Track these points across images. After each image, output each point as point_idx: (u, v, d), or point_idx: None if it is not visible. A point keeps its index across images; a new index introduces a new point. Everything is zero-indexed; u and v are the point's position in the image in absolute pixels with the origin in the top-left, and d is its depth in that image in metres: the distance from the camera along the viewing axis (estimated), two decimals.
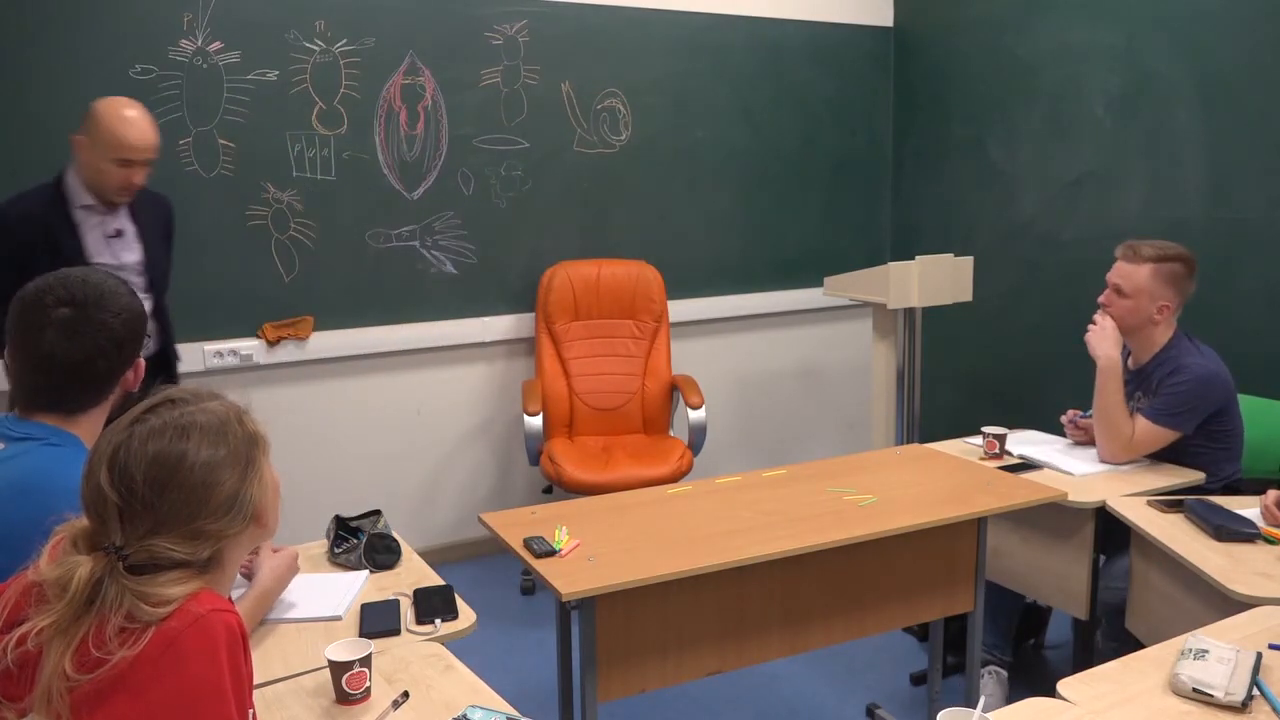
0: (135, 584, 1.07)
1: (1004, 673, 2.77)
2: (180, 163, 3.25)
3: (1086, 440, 2.76)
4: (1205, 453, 2.55)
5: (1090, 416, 2.73)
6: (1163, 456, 2.59)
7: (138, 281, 2.73)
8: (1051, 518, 2.51)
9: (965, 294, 3.56)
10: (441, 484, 3.89)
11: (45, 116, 3.05)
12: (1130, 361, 2.70)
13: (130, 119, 2.58)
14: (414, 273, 3.69)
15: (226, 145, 3.31)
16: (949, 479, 2.42)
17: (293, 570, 1.83)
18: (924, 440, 3.04)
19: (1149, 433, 2.55)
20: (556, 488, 3.56)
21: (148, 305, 2.64)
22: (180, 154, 3.24)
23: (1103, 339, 2.63)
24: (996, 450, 2.70)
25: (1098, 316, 2.65)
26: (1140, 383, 2.64)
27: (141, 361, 1.65)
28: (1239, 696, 1.43)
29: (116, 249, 2.71)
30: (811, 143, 4.50)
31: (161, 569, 1.10)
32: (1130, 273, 2.58)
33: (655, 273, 3.96)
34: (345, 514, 2.12)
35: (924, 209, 4.60)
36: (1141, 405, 2.60)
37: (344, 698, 1.48)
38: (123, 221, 2.71)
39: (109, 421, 1.30)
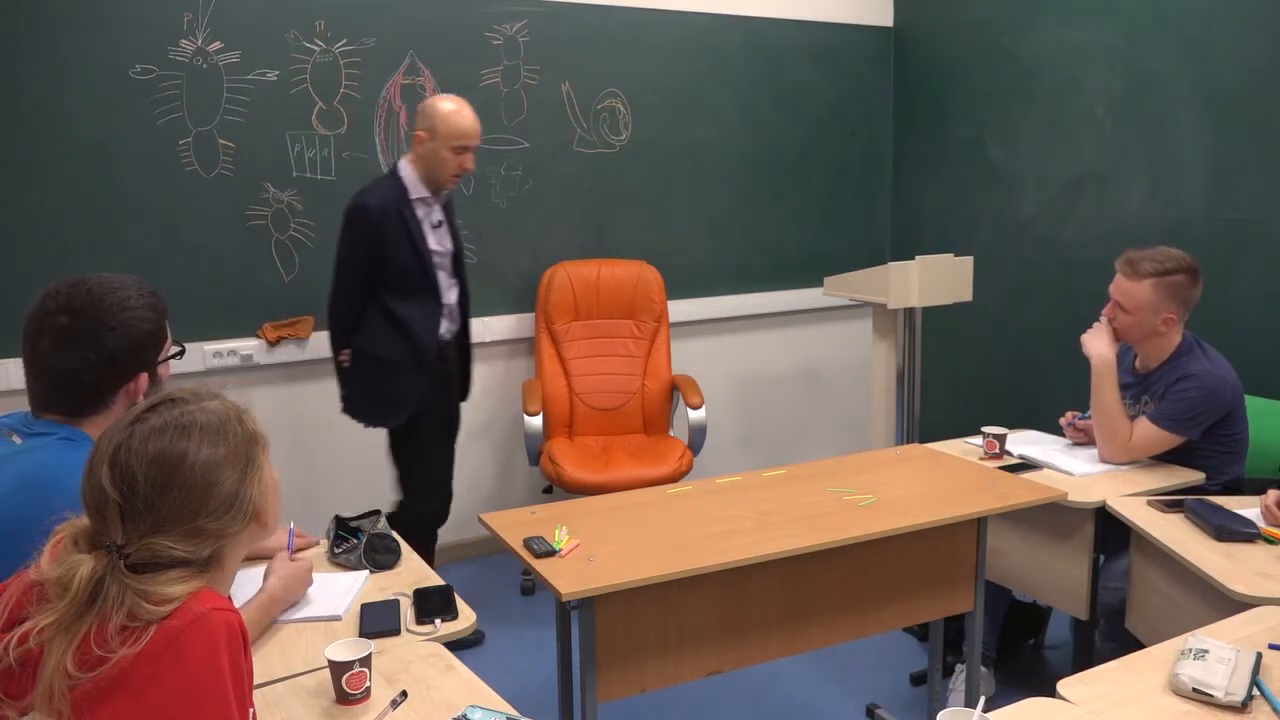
0: (136, 582, 1.08)
1: (987, 670, 2.77)
2: (180, 163, 3.25)
3: (1086, 441, 2.76)
4: (1210, 456, 2.55)
5: (1089, 417, 2.73)
6: (1166, 457, 2.59)
7: (448, 268, 3.04)
8: (1051, 518, 2.51)
9: (965, 294, 3.56)
10: None
11: (46, 116, 3.05)
12: (1138, 364, 2.70)
13: (463, 111, 2.92)
14: None
15: (226, 145, 3.31)
16: (949, 479, 2.42)
17: (305, 583, 1.82)
18: (924, 440, 3.04)
19: (1153, 436, 2.54)
20: (556, 488, 3.56)
21: (454, 292, 3.05)
22: (180, 154, 3.24)
23: (1096, 338, 2.63)
24: (996, 450, 2.70)
25: (1101, 318, 2.66)
26: (1148, 387, 2.64)
27: (144, 377, 1.58)
28: (1239, 696, 1.43)
29: (440, 236, 3.00)
30: (811, 143, 4.50)
31: (162, 568, 1.10)
32: (1130, 289, 2.57)
33: (655, 273, 3.96)
34: (345, 514, 2.12)
35: (924, 209, 4.60)
36: (1149, 410, 2.59)
37: (344, 698, 1.48)
38: (440, 213, 3.02)
39: None
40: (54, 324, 1.51)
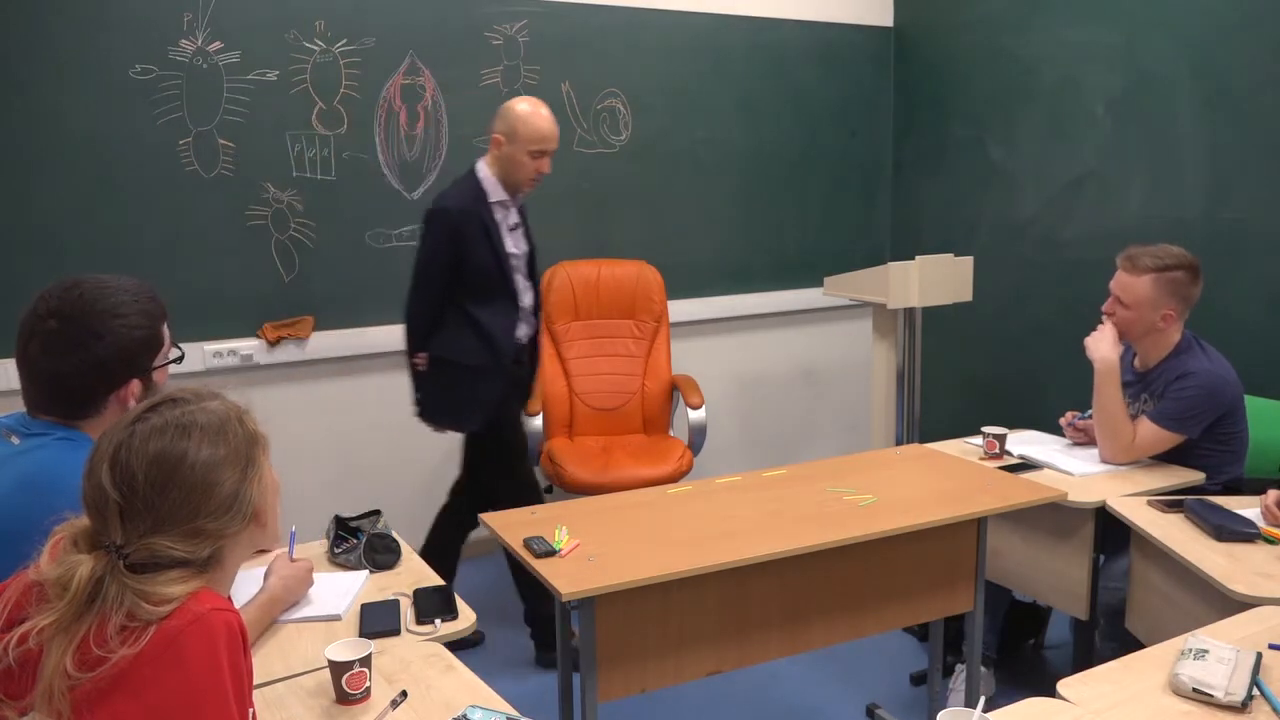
0: (136, 583, 1.07)
1: (987, 670, 2.77)
2: (180, 163, 3.25)
3: (1086, 441, 2.76)
4: (1210, 455, 2.55)
5: (1088, 417, 2.73)
6: (1165, 457, 2.59)
7: (524, 270, 3.03)
8: (1051, 518, 2.51)
9: (965, 294, 3.56)
10: (441, 484, 3.88)
11: (46, 116, 3.05)
12: (1137, 363, 2.70)
13: (542, 114, 2.91)
14: None
15: (226, 145, 3.31)
16: (949, 479, 2.42)
17: (305, 583, 1.82)
18: (924, 440, 3.04)
19: (1153, 436, 2.54)
20: (556, 488, 3.56)
21: (529, 295, 3.02)
22: (180, 154, 3.24)
23: (1100, 342, 2.62)
24: (996, 450, 2.70)
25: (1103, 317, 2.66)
26: (1147, 386, 2.64)
27: (136, 382, 1.55)
28: (1239, 696, 1.43)
29: (516, 238, 2.98)
30: (811, 143, 4.50)
31: (162, 568, 1.10)
32: (1130, 284, 2.57)
33: (655, 273, 3.96)
34: (345, 514, 2.12)
35: (924, 209, 4.60)
36: (1148, 409, 2.59)
37: (344, 698, 1.48)
38: (516, 215, 3.01)
39: None
40: (44, 328, 1.49)
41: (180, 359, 1.66)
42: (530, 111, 2.89)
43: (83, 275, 1.55)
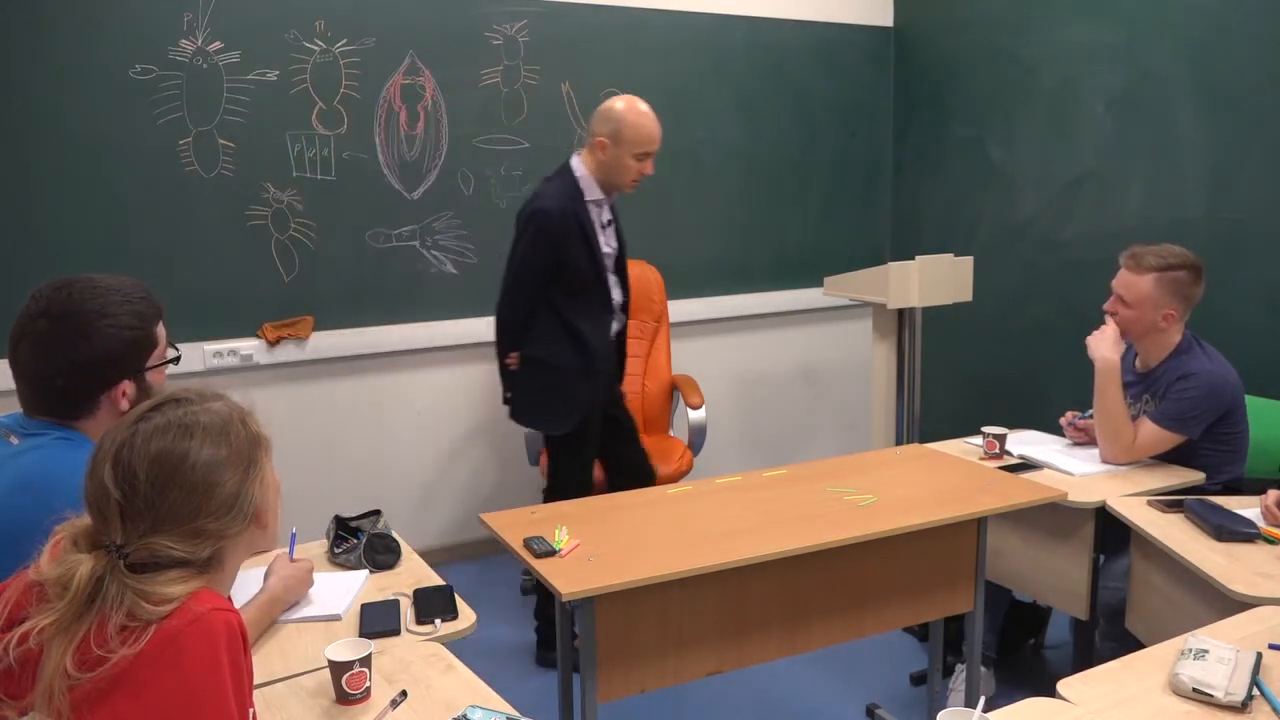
0: (136, 582, 1.07)
1: (987, 670, 2.77)
2: (180, 163, 3.25)
3: (1086, 441, 2.76)
4: (1210, 455, 2.55)
5: (1089, 417, 2.73)
6: (1166, 457, 2.59)
7: (613, 267, 2.96)
8: (1051, 518, 2.51)
9: (965, 294, 3.56)
10: (441, 484, 3.89)
11: (46, 116, 3.05)
12: (1138, 364, 2.70)
13: (646, 113, 2.83)
14: (414, 273, 3.69)
15: (226, 145, 3.31)
16: (949, 479, 2.42)
17: (306, 583, 1.82)
18: (924, 440, 3.04)
19: (1154, 436, 2.54)
20: None
21: (618, 290, 2.95)
22: (180, 154, 3.24)
23: (1101, 342, 2.62)
24: (996, 450, 2.70)
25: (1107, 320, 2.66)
26: (1148, 386, 2.64)
27: (128, 384, 1.53)
28: (1239, 696, 1.43)
29: (609, 236, 2.93)
30: (811, 143, 4.50)
31: (162, 568, 1.10)
32: (1133, 282, 2.57)
33: (655, 273, 3.96)
34: (345, 514, 2.12)
35: (924, 209, 4.60)
36: (1149, 409, 2.59)
37: (344, 698, 1.48)
38: (609, 212, 2.96)
39: None
40: (33, 328, 1.48)
41: (177, 360, 1.65)
42: (635, 112, 2.81)
43: (76, 275, 1.53)
